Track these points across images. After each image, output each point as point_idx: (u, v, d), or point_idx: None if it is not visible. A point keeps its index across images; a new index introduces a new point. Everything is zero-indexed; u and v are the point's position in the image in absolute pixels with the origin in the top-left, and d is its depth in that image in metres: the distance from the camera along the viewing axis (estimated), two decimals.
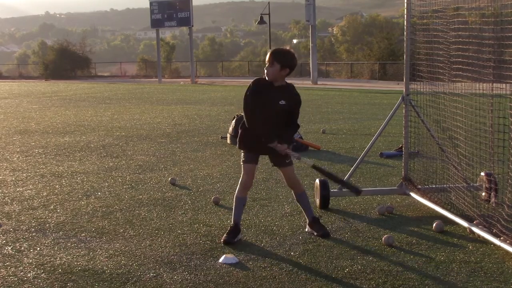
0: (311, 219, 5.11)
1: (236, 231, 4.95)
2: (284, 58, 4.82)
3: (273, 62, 4.79)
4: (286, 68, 4.81)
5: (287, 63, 4.81)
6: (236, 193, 5.07)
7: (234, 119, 10.64)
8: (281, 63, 4.79)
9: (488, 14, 5.36)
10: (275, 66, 4.79)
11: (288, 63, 4.81)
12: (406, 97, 6.18)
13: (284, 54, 4.86)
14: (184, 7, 38.94)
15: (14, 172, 8.10)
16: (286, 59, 4.81)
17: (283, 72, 4.81)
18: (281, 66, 4.79)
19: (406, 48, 6.10)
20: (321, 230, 5.06)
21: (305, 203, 5.14)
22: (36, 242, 5.01)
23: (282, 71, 4.81)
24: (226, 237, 4.92)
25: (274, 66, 4.79)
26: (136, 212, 5.94)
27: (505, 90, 4.99)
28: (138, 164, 8.61)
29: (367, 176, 7.53)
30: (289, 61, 4.82)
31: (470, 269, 4.27)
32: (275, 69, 4.80)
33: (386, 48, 40.53)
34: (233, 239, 4.90)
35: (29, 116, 15.89)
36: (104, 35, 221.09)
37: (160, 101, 21.10)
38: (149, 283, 4.11)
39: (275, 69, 4.80)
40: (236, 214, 5.03)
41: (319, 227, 5.08)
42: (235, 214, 5.03)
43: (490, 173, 5.72)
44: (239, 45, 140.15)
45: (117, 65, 57.83)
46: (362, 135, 11.39)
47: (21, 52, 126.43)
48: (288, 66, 4.81)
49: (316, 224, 5.09)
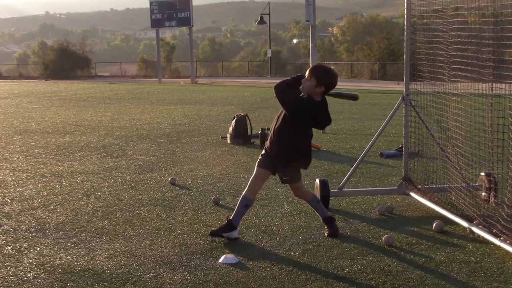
0: (323, 218, 5.13)
1: (229, 228, 4.94)
2: (322, 75, 4.79)
3: (311, 76, 4.79)
4: (321, 86, 4.78)
5: (324, 81, 4.78)
6: (244, 193, 5.03)
7: (234, 119, 10.65)
8: (318, 79, 4.77)
9: (487, 14, 5.36)
10: (312, 81, 4.78)
11: (325, 81, 4.78)
12: (406, 97, 6.18)
13: (324, 71, 4.84)
14: (184, 7, 38.94)
15: (14, 172, 8.10)
16: (324, 76, 4.79)
17: (318, 89, 4.78)
18: (317, 82, 4.77)
19: (406, 48, 6.10)
20: (332, 229, 5.07)
21: (317, 208, 5.16)
22: (36, 242, 5.01)
23: (317, 87, 4.78)
24: (216, 229, 4.98)
25: (311, 80, 4.78)
26: (136, 212, 5.94)
27: (505, 90, 4.99)
28: (138, 164, 8.61)
29: (367, 176, 7.53)
30: (327, 79, 4.79)
31: (470, 269, 4.27)
32: (312, 84, 4.78)
33: (386, 48, 40.55)
34: (219, 233, 4.93)
35: (29, 116, 15.89)
36: (104, 35, 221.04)
37: (160, 101, 21.10)
38: (149, 283, 4.11)
39: (311, 84, 4.78)
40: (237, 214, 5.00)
41: (331, 226, 5.08)
42: (235, 213, 5.01)
43: (490, 173, 5.72)
44: (239, 45, 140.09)
45: (117, 65, 57.82)
46: (362, 135, 11.40)
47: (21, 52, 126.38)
48: (324, 84, 4.78)
49: (329, 222, 5.11)
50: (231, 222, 4.95)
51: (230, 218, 4.98)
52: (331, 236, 5.02)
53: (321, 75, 4.78)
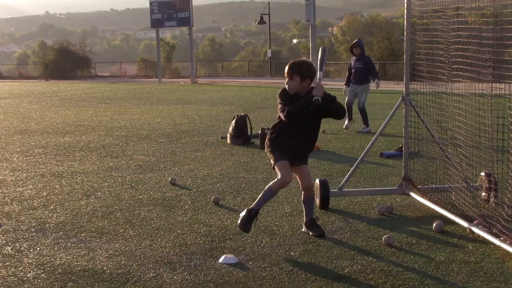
0: (308, 220, 5.12)
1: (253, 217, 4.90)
2: (302, 69, 4.82)
3: (292, 75, 4.81)
4: (306, 79, 4.81)
5: (306, 74, 4.81)
6: (272, 184, 4.95)
7: (234, 119, 10.65)
8: (300, 74, 4.80)
9: (488, 14, 5.36)
10: (295, 79, 4.81)
11: (306, 73, 4.81)
12: (406, 97, 6.18)
13: (301, 64, 4.87)
14: (184, 7, 38.92)
15: (14, 172, 8.10)
16: (304, 70, 4.82)
17: (304, 83, 4.81)
18: (301, 78, 4.80)
19: (406, 48, 6.10)
20: (317, 231, 5.07)
21: (310, 206, 5.15)
22: (36, 242, 5.01)
23: (303, 82, 4.81)
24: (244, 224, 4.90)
25: (294, 79, 4.81)
26: (136, 212, 5.94)
27: (504, 90, 4.99)
28: (138, 164, 8.61)
29: (367, 176, 7.53)
30: (307, 71, 4.82)
31: (470, 269, 4.27)
32: (296, 82, 4.81)
33: (386, 48, 40.54)
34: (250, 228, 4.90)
35: (29, 116, 15.89)
36: (104, 35, 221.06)
37: (160, 101, 21.10)
38: (149, 283, 4.11)
39: (295, 82, 4.81)
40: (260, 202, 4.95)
41: (316, 228, 5.08)
42: (259, 201, 4.95)
43: (490, 173, 5.72)
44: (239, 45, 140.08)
45: (117, 65, 57.82)
46: (362, 135, 11.40)
47: (21, 52, 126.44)
48: (308, 76, 4.81)
49: (313, 225, 5.10)
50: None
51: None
52: (320, 237, 5.01)
53: (301, 70, 4.81)
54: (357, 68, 12.01)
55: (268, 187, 4.97)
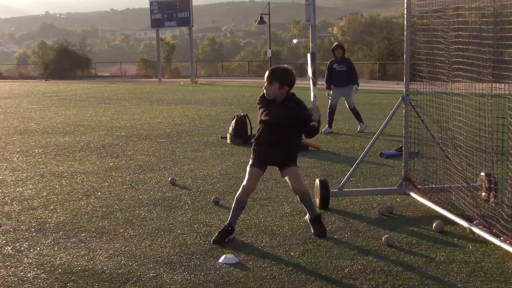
0: (313, 217, 5.13)
1: (228, 232, 4.96)
2: (282, 76, 4.89)
3: (272, 81, 4.87)
4: (285, 86, 4.88)
5: (285, 81, 4.88)
6: (237, 195, 5.06)
7: (234, 119, 10.65)
8: (280, 81, 4.86)
9: (488, 14, 5.35)
10: (274, 85, 4.87)
11: (286, 80, 4.88)
12: (406, 97, 6.18)
13: (282, 71, 4.95)
14: (184, 7, 38.96)
15: (14, 172, 8.10)
16: (284, 77, 4.89)
17: (282, 90, 4.89)
18: (280, 84, 4.86)
19: (406, 48, 6.10)
20: (319, 230, 5.07)
21: (309, 205, 5.15)
22: (36, 242, 5.01)
23: (282, 89, 4.88)
24: (217, 236, 4.95)
25: (273, 85, 4.87)
26: (136, 212, 5.94)
27: (504, 90, 4.99)
28: (138, 164, 8.61)
29: (367, 176, 7.53)
30: (287, 78, 4.89)
31: (470, 269, 4.27)
32: (275, 88, 4.88)
33: (386, 48, 40.52)
34: (223, 239, 4.92)
35: (29, 116, 15.89)
36: (104, 35, 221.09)
37: (160, 101, 21.10)
38: (149, 283, 4.11)
39: (274, 88, 4.88)
40: (233, 216, 5.02)
41: (318, 227, 5.09)
42: (231, 215, 5.03)
43: (490, 173, 5.72)
44: (239, 45, 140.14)
45: (117, 65, 57.82)
46: (362, 135, 11.40)
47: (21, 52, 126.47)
48: (287, 84, 4.89)
49: (317, 223, 5.10)
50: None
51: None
52: (320, 237, 5.01)
53: (281, 76, 4.88)
54: (341, 71, 11.81)
55: (235, 199, 5.05)
